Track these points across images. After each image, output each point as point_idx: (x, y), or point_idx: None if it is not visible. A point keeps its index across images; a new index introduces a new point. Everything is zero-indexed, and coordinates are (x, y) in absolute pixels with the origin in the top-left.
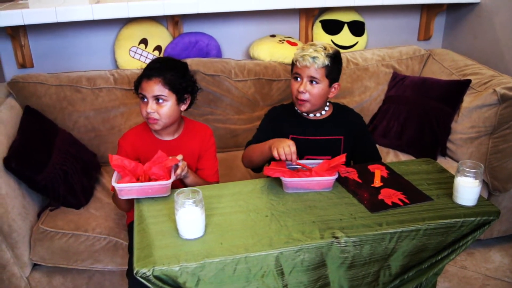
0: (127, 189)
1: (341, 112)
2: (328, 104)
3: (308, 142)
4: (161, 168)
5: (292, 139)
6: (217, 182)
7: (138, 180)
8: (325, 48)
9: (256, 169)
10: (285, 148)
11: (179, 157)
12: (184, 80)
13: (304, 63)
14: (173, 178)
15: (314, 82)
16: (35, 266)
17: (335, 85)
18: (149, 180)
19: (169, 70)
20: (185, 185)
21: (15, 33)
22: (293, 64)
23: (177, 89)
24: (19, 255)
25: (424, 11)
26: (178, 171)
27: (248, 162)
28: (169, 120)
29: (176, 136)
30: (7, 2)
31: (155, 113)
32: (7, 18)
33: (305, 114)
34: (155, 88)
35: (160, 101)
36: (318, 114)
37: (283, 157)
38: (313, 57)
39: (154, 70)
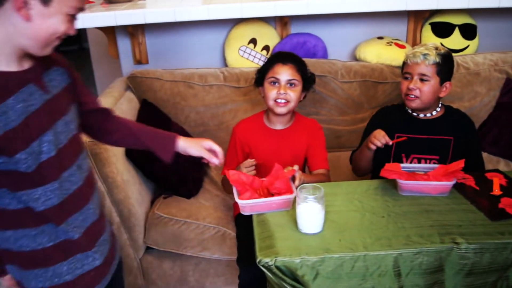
0: (250, 205)
1: (453, 114)
2: (440, 105)
3: (416, 140)
4: (284, 182)
5: (399, 137)
6: (328, 170)
7: (257, 193)
8: (436, 48)
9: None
10: (376, 136)
11: (295, 167)
12: (308, 72)
13: (415, 60)
14: (295, 192)
15: (424, 80)
16: (147, 249)
17: (447, 84)
18: (269, 193)
19: (299, 60)
20: None
21: (134, 31)
22: (403, 65)
23: (305, 78)
24: (135, 238)
25: None
26: (297, 183)
27: (358, 171)
28: (295, 104)
29: (287, 126)
30: (126, 2)
31: (287, 95)
32: (130, 17)
33: (415, 114)
34: (290, 72)
35: (292, 85)
36: (428, 114)
37: (379, 144)
38: (424, 54)
39: (287, 57)
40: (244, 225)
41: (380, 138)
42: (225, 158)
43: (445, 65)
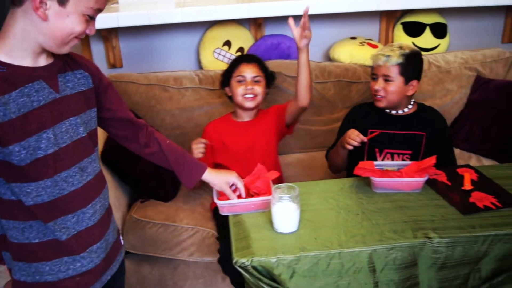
0: (229, 205)
1: (426, 111)
2: (412, 102)
3: (389, 136)
4: (264, 183)
5: (372, 133)
6: None
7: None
8: (401, 47)
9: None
10: (351, 136)
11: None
12: (269, 70)
13: (377, 62)
14: None
15: (388, 80)
16: (125, 254)
17: (413, 82)
18: (248, 194)
19: (261, 60)
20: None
21: (108, 35)
22: (372, 66)
23: (267, 75)
24: (123, 246)
25: (510, 13)
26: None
27: (334, 168)
28: (261, 98)
29: (252, 118)
30: None
31: (254, 89)
32: (104, 20)
33: (388, 110)
34: (254, 70)
35: (258, 82)
36: (400, 111)
37: (356, 144)
38: (387, 56)
39: (250, 57)
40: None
41: (355, 137)
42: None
43: (409, 65)
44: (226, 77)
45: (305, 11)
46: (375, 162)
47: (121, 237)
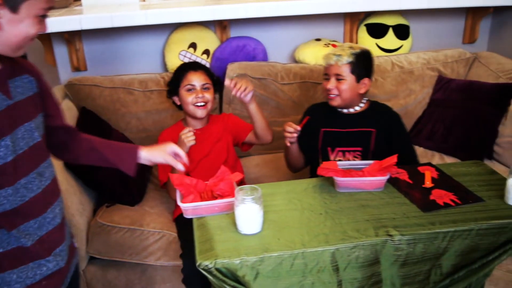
0: (192, 208)
1: (376, 108)
2: (364, 101)
3: (340, 134)
4: (228, 185)
5: (324, 132)
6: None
7: (201, 196)
8: (351, 47)
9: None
10: (285, 129)
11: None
12: (215, 76)
13: (329, 61)
14: None
15: (340, 79)
16: (90, 259)
17: (365, 80)
18: (212, 196)
19: (206, 67)
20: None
21: (71, 38)
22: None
23: (214, 80)
24: (77, 248)
25: (470, 14)
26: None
27: (292, 167)
28: (212, 105)
29: (204, 125)
30: (62, 8)
31: (205, 97)
32: (66, 23)
33: (340, 109)
34: (203, 77)
35: (207, 89)
36: (351, 110)
37: (290, 135)
38: (337, 55)
39: (195, 65)
40: (185, 223)
41: (289, 129)
42: (158, 168)
43: (360, 63)
44: (173, 86)
45: (231, 87)
46: (338, 162)
47: (74, 240)
